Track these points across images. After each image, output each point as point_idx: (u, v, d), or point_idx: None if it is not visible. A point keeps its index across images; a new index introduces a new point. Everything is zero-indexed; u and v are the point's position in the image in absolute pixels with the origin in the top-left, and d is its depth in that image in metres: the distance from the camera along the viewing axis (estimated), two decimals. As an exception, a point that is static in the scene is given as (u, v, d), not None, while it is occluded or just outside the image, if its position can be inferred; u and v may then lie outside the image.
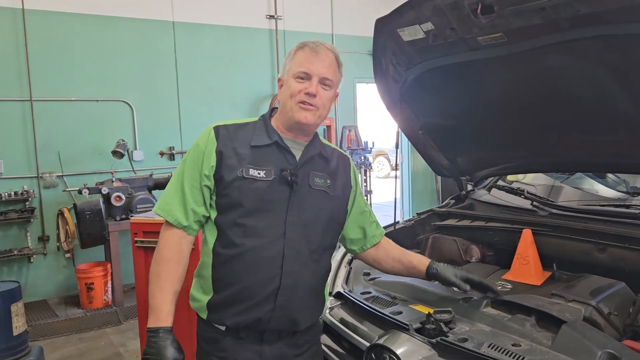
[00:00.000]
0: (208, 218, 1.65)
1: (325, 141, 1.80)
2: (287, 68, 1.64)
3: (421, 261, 1.89)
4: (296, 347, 1.67)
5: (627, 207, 2.30)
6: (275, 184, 1.60)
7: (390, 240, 1.97)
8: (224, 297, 1.60)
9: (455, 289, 1.86)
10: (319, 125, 1.69)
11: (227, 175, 1.58)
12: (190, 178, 1.61)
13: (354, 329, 1.87)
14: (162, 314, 1.55)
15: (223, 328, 1.62)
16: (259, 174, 1.58)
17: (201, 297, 1.65)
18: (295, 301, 1.61)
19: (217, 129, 1.64)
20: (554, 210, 2.46)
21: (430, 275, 1.85)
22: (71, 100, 5.80)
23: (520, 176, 3.09)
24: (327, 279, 1.77)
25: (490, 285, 1.87)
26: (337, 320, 1.97)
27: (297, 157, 1.66)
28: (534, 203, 2.59)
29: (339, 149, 1.85)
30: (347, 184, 1.79)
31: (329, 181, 1.70)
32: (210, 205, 1.63)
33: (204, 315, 1.64)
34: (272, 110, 1.74)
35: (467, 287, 1.80)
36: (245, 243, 1.57)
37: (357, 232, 1.88)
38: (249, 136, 1.64)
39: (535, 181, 2.98)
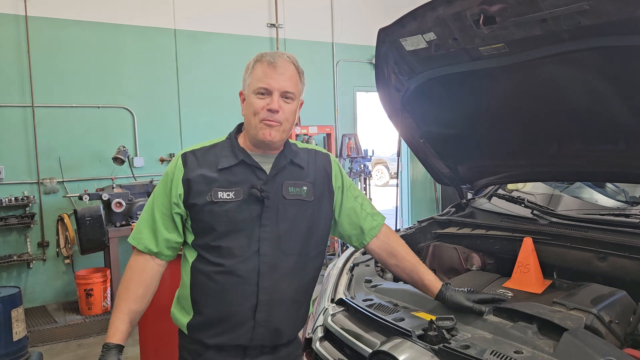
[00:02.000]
0: (185, 240, 1.67)
1: (302, 145, 1.78)
2: (247, 83, 1.62)
3: (433, 284, 1.82)
4: (277, 359, 1.69)
5: (627, 216, 2.32)
6: (245, 203, 1.59)
7: (405, 249, 1.88)
8: (203, 317, 1.63)
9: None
10: (285, 139, 1.67)
11: (197, 201, 1.59)
12: (160, 206, 1.64)
13: (356, 336, 1.87)
14: (110, 331, 1.60)
15: (203, 344, 1.64)
16: (228, 195, 1.59)
17: (181, 317, 1.68)
18: (276, 315, 1.62)
19: (184, 156, 1.65)
20: (554, 219, 2.47)
21: (440, 299, 1.81)
22: (72, 106, 5.82)
23: (520, 185, 3.11)
24: (312, 288, 1.76)
25: (502, 297, 1.85)
26: (339, 327, 1.97)
27: (268, 171, 1.64)
28: (534, 212, 2.61)
29: (319, 149, 1.82)
30: (330, 183, 1.76)
31: (305, 187, 1.67)
32: (187, 229, 1.66)
33: (186, 332, 1.67)
34: (240, 125, 1.72)
35: (484, 309, 1.75)
36: (222, 263, 1.59)
37: (351, 228, 1.83)
38: (216, 159, 1.63)
39: (534, 190, 3.00)
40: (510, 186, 3.10)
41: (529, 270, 2.20)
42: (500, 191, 3.06)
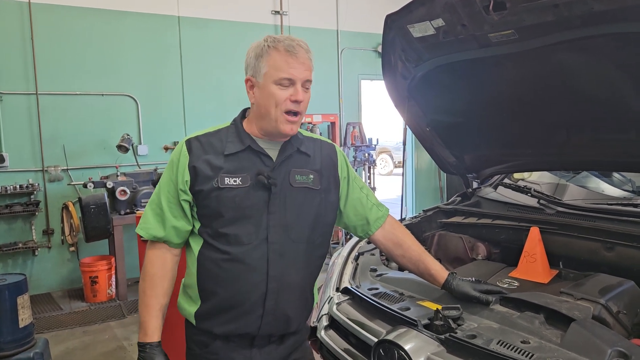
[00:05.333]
0: (192, 229, 1.65)
1: (307, 133, 1.76)
2: (262, 71, 1.55)
3: (440, 273, 1.81)
4: (286, 348, 1.68)
5: (635, 206, 2.29)
6: (253, 190, 1.57)
7: (410, 239, 1.87)
8: (211, 306, 1.61)
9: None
10: None
11: (203, 187, 1.56)
12: (167, 194, 1.62)
13: (362, 325, 1.86)
14: (149, 330, 1.58)
15: (211, 334, 1.63)
16: (234, 181, 1.56)
17: (188, 307, 1.66)
18: (285, 303, 1.61)
19: (188, 142, 1.62)
20: (561, 209, 2.45)
21: (447, 289, 1.81)
22: (76, 94, 5.81)
23: (526, 174, 3.08)
24: (317, 276, 1.75)
25: (507, 292, 1.83)
26: (344, 316, 1.97)
27: (274, 158, 1.62)
28: (541, 201, 2.59)
29: (324, 139, 1.80)
30: (336, 173, 1.75)
31: (312, 176, 1.66)
32: (193, 216, 1.63)
33: (193, 322, 1.65)
34: (244, 111, 1.70)
35: (491, 298, 1.75)
36: (229, 251, 1.57)
37: (357, 218, 1.82)
38: (221, 144, 1.61)
39: (540, 179, 2.97)
40: (516, 175, 3.08)
41: (535, 260, 2.18)
42: (506, 180, 3.04)
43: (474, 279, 1.87)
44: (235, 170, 1.58)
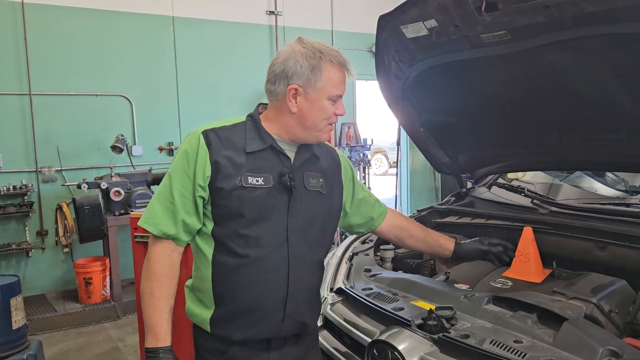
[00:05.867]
0: (201, 229, 1.58)
1: None
2: (317, 84, 1.51)
3: (448, 242, 2.01)
4: (301, 348, 1.68)
5: (627, 205, 2.31)
6: (275, 191, 1.54)
7: (412, 221, 2.06)
8: (228, 310, 1.56)
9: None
10: None
11: (224, 185, 1.49)
12: (180, 187, 1.52)
13: (355, 325, 1.87)
14: (160, 334, 1.50)
15: (228, 340, 1.58)
16: (257, 181, 1.52)
17: (201, 312, 1.59)
18: (303, 306, 1.61)
19: (206, 134, 1.53)
20: (554, 208, 2.46)
21: (458, 254, 2.00)
22: (70, 94, 5.79)
23: (520, 174, 3.10)
24: (322, 277, 1.78)
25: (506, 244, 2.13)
26: (338, 316, 1.97)
27: (292, 159, 1.61)
28: (534, 201, 2.60)
29: (326, 143, 1.80)
30: (339, 176, 1.77)
31: (321, 180, 1.66)
32: (205, 215, 1.56)
33: (207, 329, 1.59)
34: (258, 106, 1.66)
35: (500, 248, 2.05)
36: (249, 254, 1.52)
37: (362, 217, 1.91)
38: (241, 141, 1.55)
39: (534, 179, 2.99)
40: (510, 175, 3.09)
41: (528, 259, 2.19)
42: (500, 180, 3.05)
43: (476, 239, 2.10)
44: (257, 169, 1.53)
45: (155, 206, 1.55)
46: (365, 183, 7.36)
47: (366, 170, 7.39)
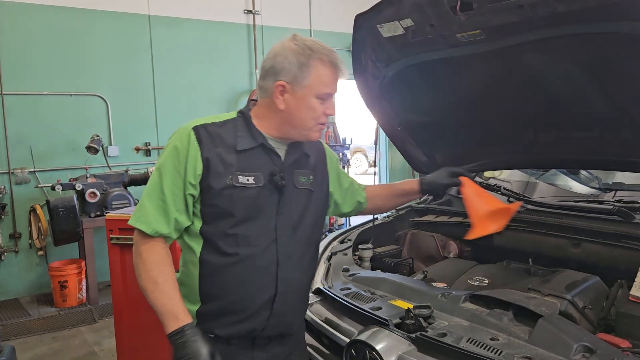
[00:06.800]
0: (189, 227, 1.55)
1: None
2: (304, 81, 1.50)
3: (412, 183, 2.02)
4: (286, 347, 1.66)
5: (600, 203, 2.35)
6: (265, 190, 1.53)
7: (379, 185, 2.12)
8: (214, 308, 1.55)
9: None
10: None
11: (215, 184, 1.48)
12: (171, 185, 1.49)
13: (334, 326, 1.86)
14: (180, 314, 1.45)
15: (212, 335, 1.56)
16: (247, 180, 1.50)
17: (188, 305, 1.56)
18: (290, 306, 1.60)
19: (197, 130, 1.51)
20: (530, 206, 2.49)
21: (424, 189, 2.01)
22: (43, 94, 5.67)
23: (496, 172, 3.13)
24: (314, 274, 1.79)
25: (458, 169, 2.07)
26: (316, 317, 1.96)
27: (282, 157, 1.60)
28: (510, 199, 2.63)
29: None
30: (325, 169, 1.77)
31: (311, 177, 1.66)
32: (194, 213, 1.54)
33: (194, 323, 1.57)
34: (249, 102, 1.66)
35: (459, 181, 2.00)
36: (238, 253, 1.51)
37: (351, 205, 1.94)
38: (231, 138, 1.53)
39: (511, 177, 3.02)
40: (487, 174, 3.12)
41: (482, 202, 2.01)
42: (477, 179, 3.07)
43: (442, 170, 2.06)
44: (247, 168, 1.52)
45: (146, 204, 1.51)
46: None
47: (346, 169, 7.40)
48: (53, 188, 5.20)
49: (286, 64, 1.50)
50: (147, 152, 6.31)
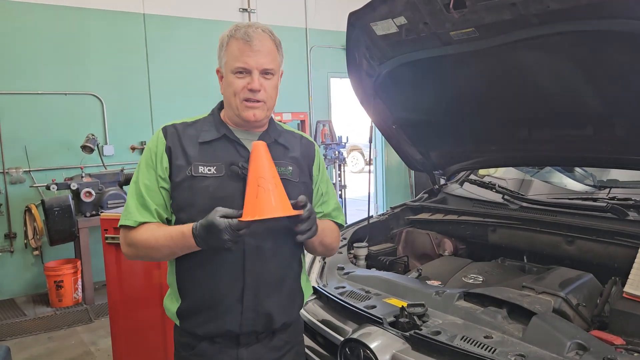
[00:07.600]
0: (170, 222, 1.58)
1: (288, 128, 1.74)
2: (223, 60, 1.55)
3: None
4: (275, 349, 1.62)
5: (595, 200, 2.35)
6: (227, 180, 1.53)
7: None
8: (190, 304, 1.57)
9: None
10: (269, 116, 1.63)
11: (176, 176, 1.52)
12: (145, 181, 1.55)
13: (329, 324, 1.86)
14: (182, 228, 1.46)
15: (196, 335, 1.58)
16: (208, 170, 1.52)
17: (171, 305, 1.61)
18: (264, 299, 1.56)
19: (165, 129, 1.59)
20: (524, 204, 2.50)
21: None
22: (38, 93, 5.64)
23: (491, 170, 3.13)
24: (299, 268, 1.68)
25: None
26: (311, 316, 1.96)
27: (250, 148, 1.57)
28: (505, 197, 2.63)
29: (305, 135, 1.78)
30: (310, 171, 1.72)
31: (290, 168, 1.63)
32: (172, 208, 1.57)
33: (177, 323, 1.61)
34: (222, 102, 1.66)
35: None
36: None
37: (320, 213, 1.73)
38: (197, 133, 1.58)
39: (506, 175, 3.02)
40: (482, 171, 3.12)
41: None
42: (472, 176, 3.08)
43: None
44: (209, 159, 1.53)
45: (129, 203, 1.57)
46: (341, 181, 7.36)
47: (342, 168, 7.38)
48: (48, 187, 5.18)
49: (218, 51, 1.57)
50: (143, 151, 6.27)
